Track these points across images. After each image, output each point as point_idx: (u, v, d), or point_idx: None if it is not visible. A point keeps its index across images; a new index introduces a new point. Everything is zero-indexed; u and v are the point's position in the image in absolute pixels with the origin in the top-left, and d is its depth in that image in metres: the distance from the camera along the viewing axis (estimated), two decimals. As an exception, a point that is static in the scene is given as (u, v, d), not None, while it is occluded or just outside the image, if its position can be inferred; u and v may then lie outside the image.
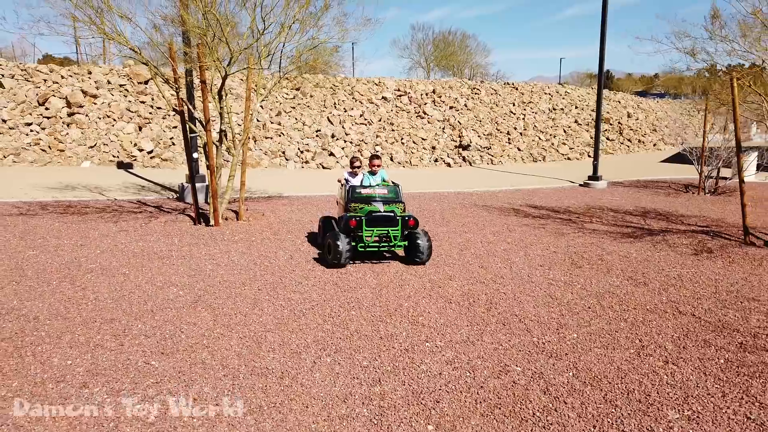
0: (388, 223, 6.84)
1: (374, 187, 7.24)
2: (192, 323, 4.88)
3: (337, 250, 6.52)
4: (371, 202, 6.99)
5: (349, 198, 7.07)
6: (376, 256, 7.24)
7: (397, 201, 7.14)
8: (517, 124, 23.90)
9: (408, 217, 6.93)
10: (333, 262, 6.63)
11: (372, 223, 6.80)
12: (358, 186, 7.24)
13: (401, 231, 6.89)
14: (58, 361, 4.10)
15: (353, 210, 7.01)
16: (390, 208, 6.97)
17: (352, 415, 3.49)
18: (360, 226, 6.74)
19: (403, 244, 7.00)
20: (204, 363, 4.13)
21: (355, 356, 4.33)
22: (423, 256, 6.84)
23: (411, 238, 6.92)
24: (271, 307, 5.34)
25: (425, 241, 6.85)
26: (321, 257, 7.21)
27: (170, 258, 6.99)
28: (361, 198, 7.05)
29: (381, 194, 7.16)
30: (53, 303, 5.27)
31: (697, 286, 6.33)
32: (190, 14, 7.73)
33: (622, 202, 12.73)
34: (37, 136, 16.34)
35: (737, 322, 5.22)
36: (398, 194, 7.25)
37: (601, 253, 7.73)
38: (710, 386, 3.94)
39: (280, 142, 19.01)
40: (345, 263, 6.66)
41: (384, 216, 6.84)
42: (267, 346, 4.45)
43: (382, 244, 6.92)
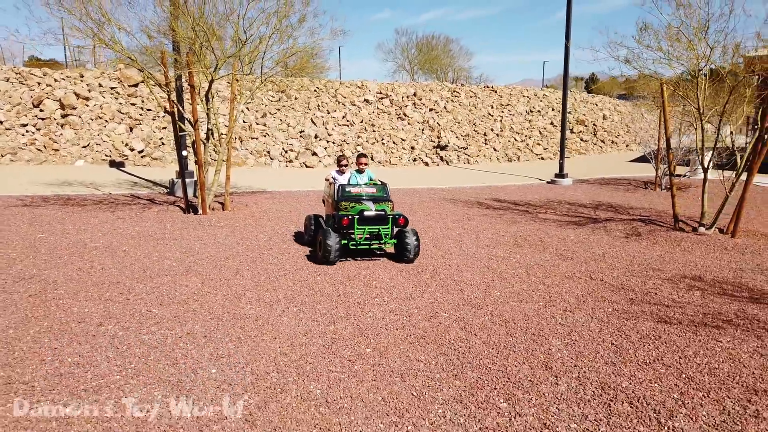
0: (379, 221, 7.05)
1: (364, 186, 7.46)
2: (184, 285, 5.98)
3: (327, 247, 6.71)
4: (361, 201, 7.19)
5: (339, 197, 7.24)
6: (366, 253, 7.48)
7: (386, 199, 7.36)
8: (494, 125, 25.14)
9: (398, 216, 7.18)
10: (323, 259, 6.83)
11: (363, 221, 6.99)
12: (347, 185, 7.42)
13: (391, 229, 7.14)
14: (77, 309, 5.18)
15: (344, 209, 7.18)
16: (380, 206, 7.17)
17: (310, 343, 4.60)
18: (352, 224, 6.95)
19: (392, 242, 7.22)
20: (194, 311, 5.23)
21: (316, 307, 5.44)
22: (410, 254, 7.05)
23: (400, 236, 7.14)
24: (250, 274, 6.45)
25: (413, 239, 7.04)
26: (298, 239, 8.31)
27: (164, 239, 8.07)
28: (352, 197, 7.24)
29: (371, 193, 7.35)
30: (67, 271, 6.34)
31: (615, 260, 7.51)
32: (180, 26, 8.81)
33: (581, 197, 13.94)
34: (33, 136, 17.32)
35: (636, 285, 6.40)
36: (387, 193, 7.48)
37: (542, 237, 8.91)
38: (593, 326, 5.10)
39: (265, 142, 20.08)
40: (335, 260, 6.87)
41: (375, 215, 7.05)
42: (245, 300, 5.56)
43: (372, 242, 7.15)
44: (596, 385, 3.94)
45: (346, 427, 3.36)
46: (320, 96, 22.74)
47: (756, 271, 7.04)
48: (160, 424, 3.36)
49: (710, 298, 5.96)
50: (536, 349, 4.55)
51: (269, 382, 3.90)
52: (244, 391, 3.76)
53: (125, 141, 18.26)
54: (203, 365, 4.12)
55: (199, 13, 8.42)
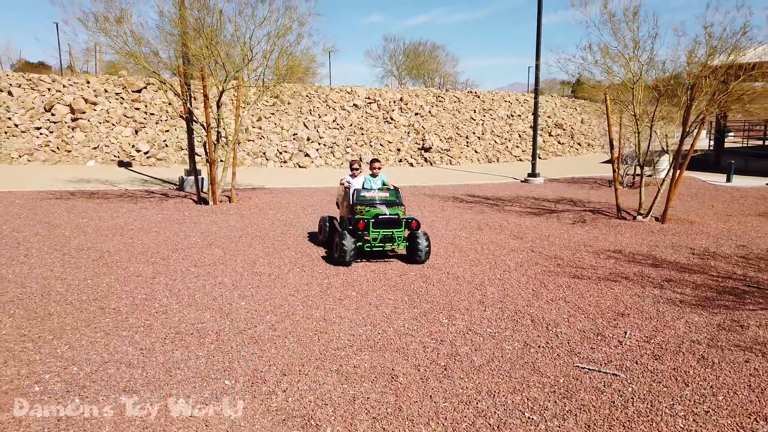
0: (393, 225, 7.51)
1: (377, 191, 7.89)
2: (210, 254, 7.71)
3: (343, 249, 7.12)
4: (375, 205, 7.62)
5: (354, 201, 7.67)
6: (380, 255, 7.92)
7: (399, 204, 7.83)
8: (476, 129, 27.01)
9: (411, 220, 7.65)
10: (339, 260, 7.23)
11: (378, 225, 7.44)
12: (362, 189, 7.86)
13: (404, 232, 7.64)
14: (132, 269, 6.90)
15: (359, 212, 7.59)
16: (394, 210, 7.65)
17: (311, 289, 6.35)
18: (367, 227, 7.40)
19: (405, 244, 7.65)
20: (222, 270, 6.96)
21: (314, 268, 7.19)
22: (422, 255, 7.49)
23: (412, 239, 7.57)
24: (260, 247, 8.19)
25: (425, 242, 7.49)
26: (296, 224, 10.05)
27: (185, 223, 9.80)
28: (366, 201, 7.67)
29: (384, 197, 7.79)
30: (114, 244, 8.05)
31: (557, 240, 9.32)
32: (195, 45, 10.54)
33: (548, 193, 15.77)
34: (47, 138, 18.95)
35: (566, 256, 8.20)
36: (399, 197, 7.94)
37: (502, 223, 10.71)
38: (522, 280, 6.88)
39: (261, 144, 21.81)
40: (350, 262, 7.28)
41: (389, 219, 7.50)
42: (259, 264, 7.30)
43: (386, 244, 7.61)
44: (512, 311, 5.72)
45: (336, 332, 5.11)
46: (312, 101, 24.50)
47: (667, 247, 8.86)
48: (217, 329, 5.09)
49: (621, 263, 7.76)
50: (475, 293, 6.33)
51: (283, 309, 5.64)
52: (266, 313, 5.51)
53: (131, 143, 19.92)
54: (235, 301, 5.86)
55: (214, 35, 10.16)
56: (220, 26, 10.30)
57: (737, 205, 13.50)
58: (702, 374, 4.32)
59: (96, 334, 4.87)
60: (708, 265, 7.66)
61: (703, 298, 6.23)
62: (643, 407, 3.80)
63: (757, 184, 17.40)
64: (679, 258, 8.08)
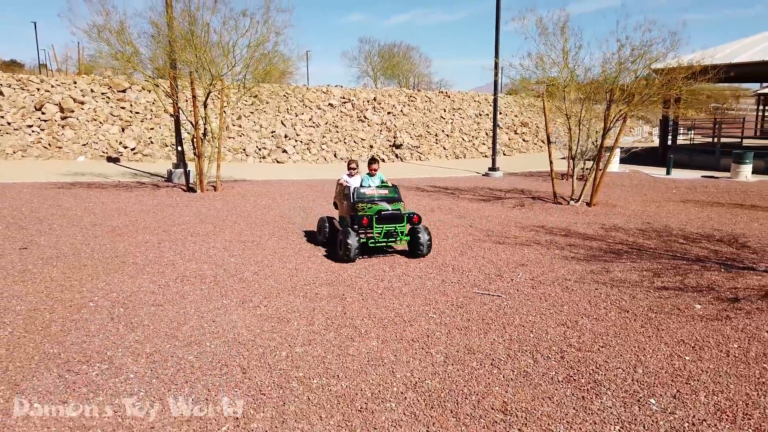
0: (395, 220, 7.77)
1: (376, 188, 8.26)
2: (202, 228, 9.47)
3: (348, 246, 7.39)
4: (375, 202, 7.93)
5: (355, 199, 7.97)
6: (383, 251, 8.26)
7: (398, 200, 8.15)
8: (445, 127, 28.98)
9: (412, 215, 7.92)
10: (344, 257, 7.46)
11: (381, 220, 7.71)
12: (362, 187, 8.20)
13: (406, 227, 7.94)
14: (141, 238, 8.64)
15: (361, 210, 7.87)
16: (395, 206, 7.96)
17: (285, 251, 8.14)
18: (371, 223, 7.68)
19: (407, 238, 7.95)
20: (213, 240, 8.73)
21: (289, 238, 8.99)
22: (424, 249, 7.82)
23: (413, 233, 7.88)
24: (244, 224, 9.97)
25: (426, 236, 7.83)
26: (275, 208, 11.82)
27: (178, 207, 11.53)
28: (366, 198, 8.00)
29: (383, 194, 8.12)
30: (121, 222, 9.77)
31: (494, 218, 11.23)
32: (184, 53, 12.25)
33: (503, 185, 17.73)
34: (38, 135, 20.42)
35: (497, 230, 10.11)
36: (398, 194, 8.27)
37: (453, 207, 12.61)
38: (455, 245, 8.75)
39: (241, 141, 23.49)
40: (355, 258, 7.52)
41: (392, 214, 7.77)
42: (244, 235, 9.09)
43: (389, 240, 7.91)
44: (440, 264, 7.59)
45: (304, 276, 6.92)
46: (289, 101, 26.23)
47: (583, 223, 10.82)
48: (214, 274, 6.87)
49: (539, 234, 9.69)
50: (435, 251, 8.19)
51: (264, 263, 7.44)
52: (251, 265, 7.31)
53: (119, 140, 21.47)
54: (226, 258, 7.65)
55: (202, 45, 11.90)
56: (207, 37, 12.05)
57: (666, 194, 15.57)
58: (560, 296, 6.23)
59: (123, 277, 6.63)
60: (609, 235, 9.63)
61: (591, 255, 8.18)
62: (508, 312, 5.69)
63: (693, 177, 19.58)
64: (588, 230, 10.05)
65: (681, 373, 4.33)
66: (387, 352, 4.68)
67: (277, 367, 4.35)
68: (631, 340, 4.99)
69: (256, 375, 4.22)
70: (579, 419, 3.66)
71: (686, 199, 14.42)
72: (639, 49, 11.44)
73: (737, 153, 18.89)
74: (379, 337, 5.00)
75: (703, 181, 18.40)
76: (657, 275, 7.08)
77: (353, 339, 4.94)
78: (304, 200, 13.02)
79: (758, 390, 4.08)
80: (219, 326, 5.18)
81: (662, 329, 5.24)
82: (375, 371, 4.32)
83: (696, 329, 5.25)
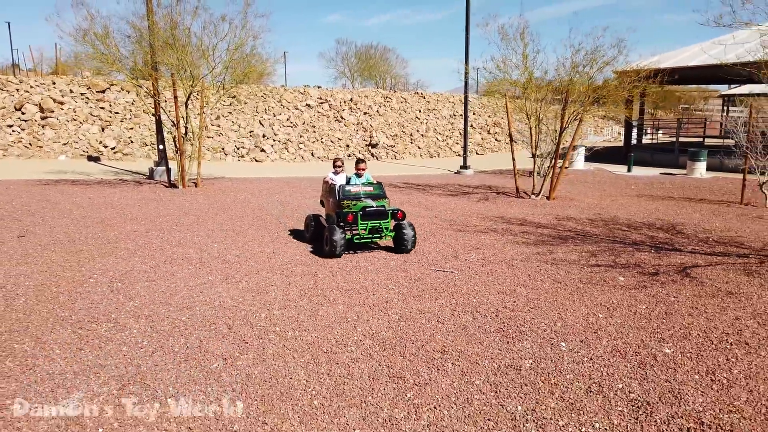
0: (380, 216, 8.00)
1: (362, 186, 8.45)
2: (186, 219, 10.27)
3: (334, 242, 7.60)
4: (361, 199, 8.12)
5: (341, 196, 8.13)
6: (368, 246, 8.45)
7: (383, 196, 8.35)
8: (420, 127, 29.98)
9: (397, 211, 8.14)
10: (330, 253, 7.70)
11: (366, 217, 7.92)
12: (347, 185, 8.37)
13: (390, 223, 8.15)
14: (129, 227, 9.41)
15: (347, 206, 8.06)
16: (379, 203, 8.17)
17: (263, 238, 8.99)
18: (356, 220, 7.86)
19: (392, 234, 8.15)
20: (197, 228, 9.54)
21: (267, 228, 9.83)
22: (408, 244, 8.04)
23: (398, 229, 8.09)
24: (224, 216, 10.79)
25: (410, 232, 8.05)
26: (253, 202, 12.62)
27: (162, 200, 12.29)
28: (352, 195, 8.18)
29: (368, 191, 8.30)
30: (109, 214, 10.52)
31: (459, 210, 12.19)
32: (169, 57, 13.01)
33: (472, 181, 18.74)
34: (19, 135, 20.91)
35: (459, 219, 11.06)
36: (383, 191, 8.46)
37: (422, 201, 13.55)
38: (421, 232, 9.66)
39: (219, 140, 24.18)
40: (341, 253, 7.76)
41: (377, 210, 8.00)
42: (225, 225, 9.91)
43: (374, 236, 8.11)
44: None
45: (281, 258, 7.78)
46: (267, 101, 26.98)
47: (540, 214, 11.83)
48: (199, 257, 7.70)
49: (497, 223, 10.66)
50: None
51: (245, 248, 8.28)
52: (232, 250, 8.14)
53: (99, 139, 22.04)
54: (210, 244, 8.46)
55: (183, 49, 12.67)
56: (188, 40, 12.82)
57: (624, 189, 16.70)
58: (505, 272, 7.19)
59: (117, 259, 7.43)
60: (560, 224, 10.65)
61: (539, 241, 9.17)
62: (458, 284, 6.63)
63: (652, 174, 20.83)
64: (542, 220, 11.06)
65: (592, 326, 5.30)
66: (350, 313, 5.57)
67: (257, 325, 5.22)
68: (558, 303, 5.95)
69: (240, 330, 5.08)
70: (501, 356, 4.60)
71: (641, 194, 15.56)
72: (590, 54, 12.52)
73: (692, 151, 20.18)
74: (345, 303, 5.89)
75: (661, 178, 19.64)
76: (594, 255, 8.09)
77: (322, 304, 5.83)
78: (282, 195, 13.86)
79: (652, 337, 5.05)
80: (206, 296, 6.02)
81: (586, 296, 6.22)
82: (339, 326, 5.21)
83: (614, 296, 6.24)
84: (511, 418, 3.66)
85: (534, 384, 4.12)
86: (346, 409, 3.75)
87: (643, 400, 3.90)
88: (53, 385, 4.02)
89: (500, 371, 4.33)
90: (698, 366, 4.45)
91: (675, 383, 4.15)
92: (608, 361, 4.52)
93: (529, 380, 4.18)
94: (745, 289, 6.47)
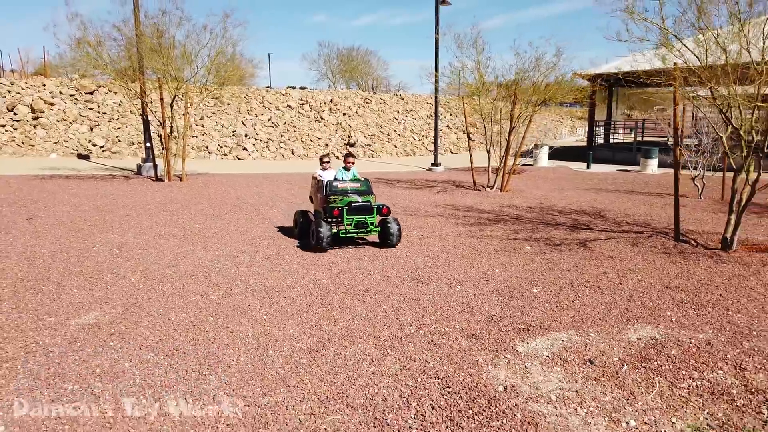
0: (365, 211, 8.27)
1: (349, 182, 8.63)
2: (172, 207, 11.86)
3: (320, 236, 7.89)
4: (348, 194, 8.36)
5: (328, 191, 8.38)
6: (353, 241, 8.81)
7: (369, 192, 8.57)
8: (398, 127, 31.69)
9: (382, 206, 8.42)
10: (317, 246, 8.00)
11: (352, 212, 8.19)
12: (334, 181, 8.58)
13: (376, 218, 8.40)
14: (122, 212, 10.99)
15: (334, 202, 8.32)
16: (366, 198, 8.42)
17: (241, 220, 10.60)
18: (342, 214, 8.15)
19: (377, 230, 8.42)
20: (183, 214, 11.13)
21: (246, 212, 11.44)
22: (393, 239, 8.31)
23: (383, 224, 8.36)
24: (207, 204, 12.39)
25: (395, 226, 8.31)
26: (233, 194, 14.23)
27: (150, 191, 13.88)
28: (339, 191, 8.41)
29: (355, 187, 8.51)
30: (104, 203, 12.09)
31: (415, 200, 13.85)
32: (152, 60, 14.59)
33: (440, 177, 20.44)
34: (12, 134, 22.35)
35: (414, 207, 12.72)
36: (369, 187, 8.66)
37: (385, 192, 15.22)
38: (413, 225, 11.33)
39: (203, 139, 25.73)
40: (327, 248, 8.06)
41: (362, 206, 8.27)
42: (207, 210, 11.51)
43: (360, 230, 8.36)
44: (358, 227, 10.16)
45: (258, 237, 9.40)
46: (250, 102, 28.57)
47: (488, 203, 13.52)
48: (184, 234, 9.30)
49: (447, 210, 12.33)
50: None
51: (226, 229, 9.89)
52: (214, 230, 9.75)
53: (88, 138, 23.53)
54: (194, 226, 10.06)
55: (168, 55, 14.27)
56: (172, 48, 14.41)
57: (578, 184, 18.45)
58: (436, 244, 8.86)
59: (113, 235, 9.03)
60: (501, 211, 12.35)
61: (476, 222, 10.86)
62: (392, 251, 8.28)
63: (609, 170, 22.63)
64: (487, 207, 12.76)
65: (486, 276, 6.98)
66: (302, 270, 7.22)
67: (228, 276, 6.85)
68: (467, 263, 7.64)
69: (214, 279, 6.72)
70: (408, 293, 6.27)
71: (591, 188, 17.30)
72: (533, 61, 14.28)
73: (645, 149, 22.03)
74: (299, 263, 7.54)
75: (616, 174, 21.46)
76: (516, 233, 9.80)
77: (280, 263, 7.48)
78: (260, 188, 15.47)
79: (528, 282, 6.73)
80: (188, 259, 7.65)
81: (493, 259, 7.92)
82: (291, 277, 6.86)
83: (516, 258, 7.94)
84: (400, 325, 5.33)
85: (425, 308, 5.79)
86: (286, 320, 5.41)
87: (498, 315, 5.59)
88: (75, 308, 5.64)
89: (404, 301, 6.00)
90: (551, 298, 6.15)
91: (527, 308, 5.84)
92: (487, 297, 6.20)
93: (422, 306, 5.86)
94: (624, 255, 8.19)
